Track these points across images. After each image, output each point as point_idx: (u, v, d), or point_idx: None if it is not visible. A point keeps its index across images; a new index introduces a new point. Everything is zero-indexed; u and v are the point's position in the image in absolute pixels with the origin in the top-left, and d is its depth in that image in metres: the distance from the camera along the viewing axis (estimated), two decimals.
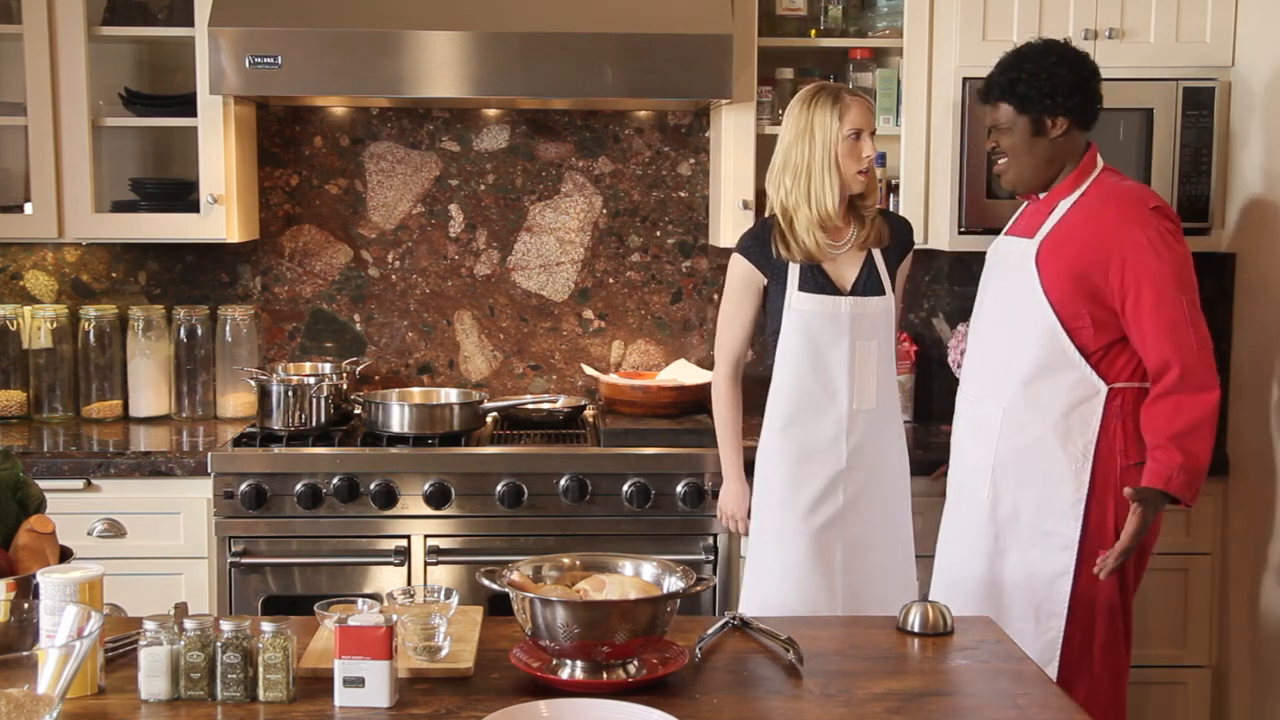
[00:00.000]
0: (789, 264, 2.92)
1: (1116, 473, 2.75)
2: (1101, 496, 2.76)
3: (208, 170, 3.44)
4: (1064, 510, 2.76)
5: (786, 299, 2.93)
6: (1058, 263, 2.74)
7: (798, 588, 2.92)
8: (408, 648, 1.93)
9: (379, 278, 3.82)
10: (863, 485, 2.95)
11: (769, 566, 2.97)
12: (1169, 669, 3.39)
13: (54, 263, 3.77)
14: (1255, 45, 3.32)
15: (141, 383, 3.66)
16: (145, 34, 3.55)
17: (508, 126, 3.80)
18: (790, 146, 2.92)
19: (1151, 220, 2.69)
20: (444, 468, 3.20)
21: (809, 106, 2.91)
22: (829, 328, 2.92)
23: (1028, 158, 2.82)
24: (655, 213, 3.83)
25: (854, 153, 2.89)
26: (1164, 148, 3.36)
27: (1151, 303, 2.67)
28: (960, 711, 1.84)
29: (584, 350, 3.86)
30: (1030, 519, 2.79)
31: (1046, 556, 2.77)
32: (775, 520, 2.96)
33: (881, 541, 2.98)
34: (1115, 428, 2.76)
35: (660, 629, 1.90)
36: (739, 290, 3.00)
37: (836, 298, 2.93)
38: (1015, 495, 2.81)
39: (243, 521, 3.17)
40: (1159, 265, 2.67)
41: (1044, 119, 2.78)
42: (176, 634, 1.82)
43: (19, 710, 1.49)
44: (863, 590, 2.95)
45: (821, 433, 2.94)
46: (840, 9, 3.61)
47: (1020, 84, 2.78)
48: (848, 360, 2.93)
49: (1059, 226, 2.78)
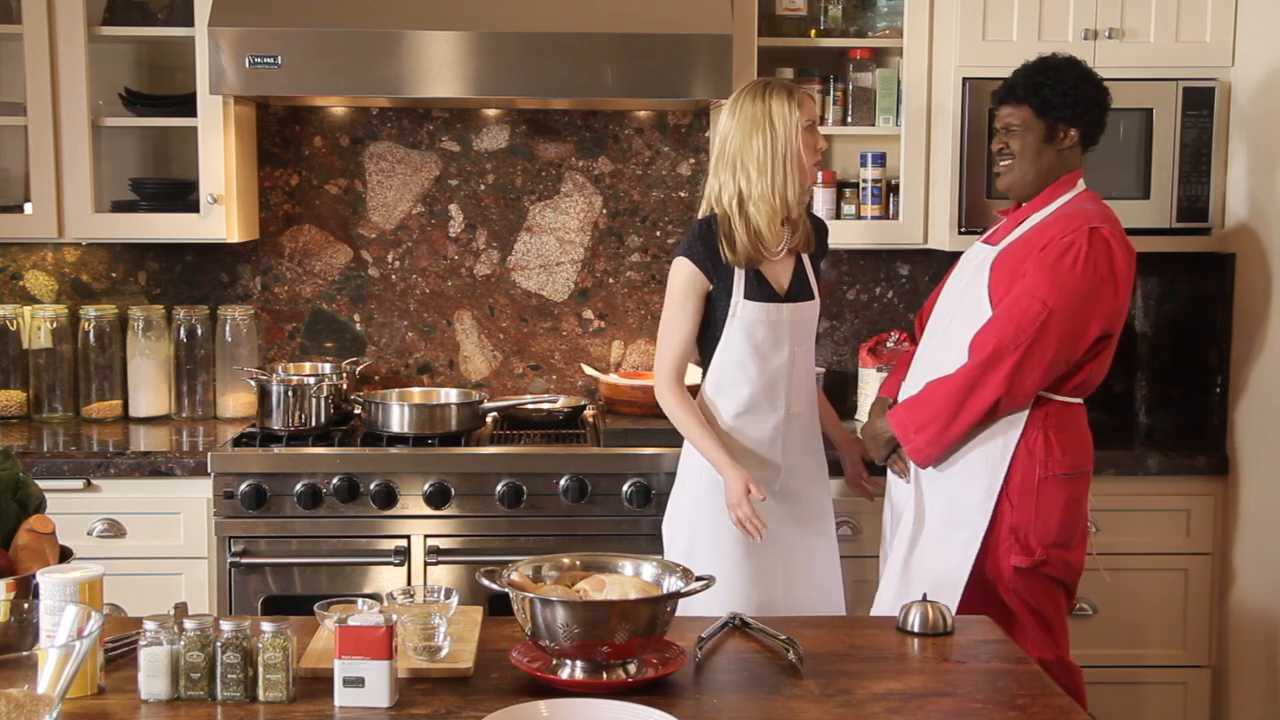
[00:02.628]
0: (734, 270, 2.85)
1: (1033, 482, 2.77)
2: (1014, 501, 2.77)
3: (208, 170, 3.44)
4: (973, 506, 2.77)
5: (732, 307, 2.87)
6: (1006, 270, 2.78)
7: (743, 592, 2.87)
8: (408, 648, 1.93)
9: (379, 278, 3.82)
10: (793, 487, 2.95)
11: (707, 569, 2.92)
12: (1169, 669, 3.39)
13: (54, 263, 3.77)
14: (1255, 45, 3.32)
15: (141, 383, 3.66)
16: (145, 34, 3.54)
17: (508, 126, 3.80)
18: (748, 136, 2.83)
19: (1079, 238, 2.71)
20: (444, 468, 3.20)
21: (762, 98, 2.83)
22: (771, 334, 2.89)
23: (1033, 163, 2.84)
24: (655, 213, 3.83)
25: (810, 145, 2.86)
26: (1164, 148, 3.36)
27: (1017, 289, 2.71)
28: (960, 711, 1.84)
29: (584, 350, 3.86)
30: (942, 512, 2.81)
31: (949, 550, 2.78)
32: (709, 527, 2.91)
33: (811, 542, 2.98)
34: (1037, 436, 2.77)
35: (660, 629, 1.90)
36: (684, 295, 2.88)
37: (779, 304, 2.89)
38: (934, 490, 2.83)
39: (243, 521, 3.17)
40: (1045, 274, 2.70)
41: (1059, 127, 2.82)
42: (176, 634, 1.82)
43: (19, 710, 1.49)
44: (799, 593, 2.93)
45: (761, 438, 2.91)
46: (840, 9, 3.61)
47: (1045, 88, 2.81)
48: (788, 366, 2.91)
49: (1020, 239, 2.82)
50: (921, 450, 2.79)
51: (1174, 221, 3.38)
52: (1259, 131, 3.29)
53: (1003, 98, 2.90)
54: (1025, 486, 2.76)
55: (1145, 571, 3.35)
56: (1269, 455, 3.25)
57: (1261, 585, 3.28)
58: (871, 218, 3.58)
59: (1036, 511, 2.77)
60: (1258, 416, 3.30)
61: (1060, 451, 2.78)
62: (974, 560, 2.75)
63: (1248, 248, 3.34)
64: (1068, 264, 2.71)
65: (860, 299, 3.87)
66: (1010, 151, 2.87)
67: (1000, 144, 2.90)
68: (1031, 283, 2.71)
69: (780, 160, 2.82)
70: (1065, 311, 2.69)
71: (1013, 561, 2.76)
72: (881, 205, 3.59)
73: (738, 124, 2.85)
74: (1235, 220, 3.38)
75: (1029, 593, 2.79)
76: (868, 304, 3.87)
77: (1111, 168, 3.33)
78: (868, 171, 3.59)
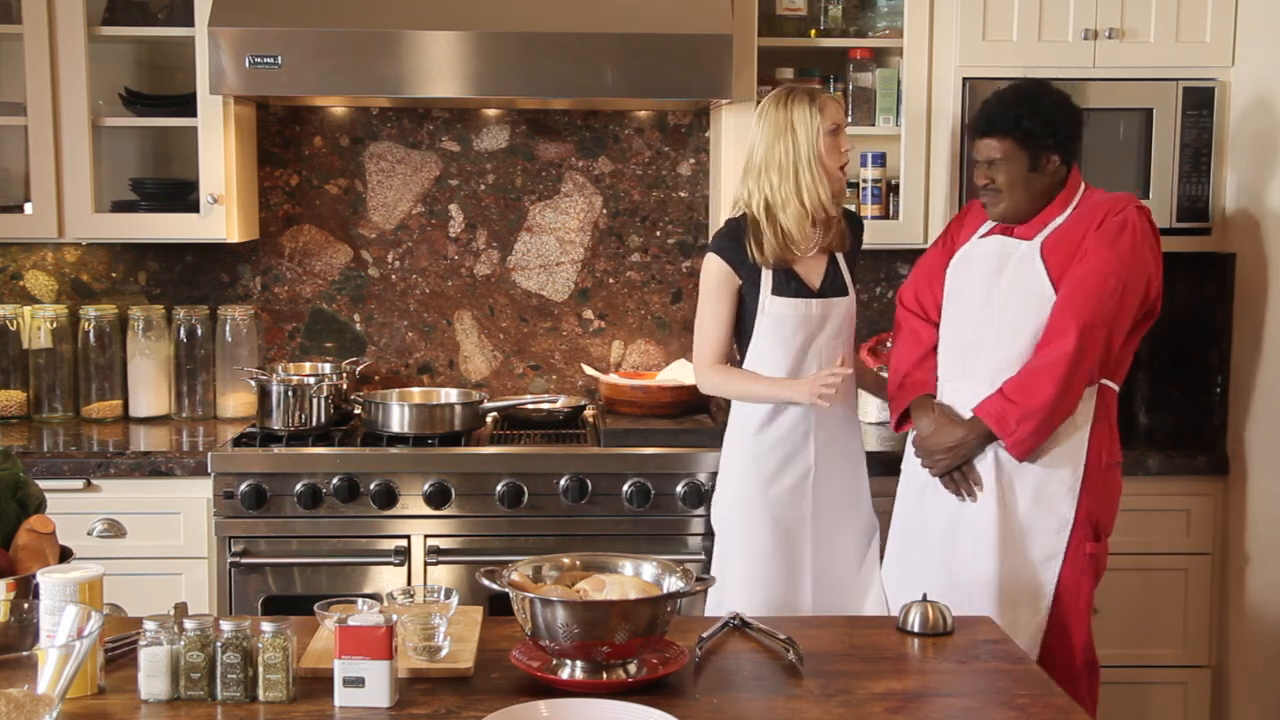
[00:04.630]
0: (761, 268, 2.91)
1: (1100, 468, 2.81)
2: (1089, 488, 2.80)
3: (208, 170, 3.44)
4: (1060, 494, 2.79)
5: (760, 303, 2.92)
6: (1060, 254, 2.79)
7: (765, 589, 2.90)
8: (408, 648, 1.93)
9: (379, 278, 3.82)
10: (829, 484, 2.96)
11: (734, 567, 2.94)
12: (1169, 669, 3.39)
13: (54, 263, 3.77)
14: (1255, 45, 3.32)
15: (141, 383, 3.66)
16: (145, 34, 3.54)
17: (508, 126, 3.80)
18: (772, 144, 2.90)
19: (1130, 214, 2.78)
20: (444, 468, 3.20)
21: (785, 105, 2.90)
22: (802, 330, 2.92)
23: (1024, 191, 2.85)
24: (655, 213, 3.83)
25: (833, 148, 2.91)
26: (1164, 148, 3.36)
27: (1082, 269, 2.75)
28: (960, 711, 1.84)
29: (584, 350, 3.86)
30: (1028, 504, 2.81)
31: (1041, 540, 2.79)
32: (740, 521, 2.95)
33: (847, 542, 2.99)
34: (1102, 423, 2.82)
35: (660, 629, 1.90)
36: (716, 289, 2.95)
37: (809, 300, 2.93)
38: (1017, 483, 2.82)
39: (243, 521, 3.17)
40: (1109, 250, 2.75)
41: (1041, 156, 2.83)
42: (176, 634, 1.82)
43: (19, 710, 1.49)
44: (830, 592, 2.95)
45: (793, 434, 2.93)
46: (840, 9, 3.61)
47: (1025, 120, 2.81)
48: (820, 362, 2.94)
49: (1065, 225, 2.83)
50: (1024, 442, 2.76)
51: (1174, 221, 3.38)
52: (1259, 131, 3.29)
53: (983, 131, 2.88)
54: (1095, 473, 2.81)
55: (1145, 571, 3.35)
56: (1269, 455, 3.25)
57: (1261, 585, 3.28)
58: (871, 218, 3.58)
59: (1103, 499, 2.82)
60: (1258, 416, 3.30)
61: (1114, 439, 2.86)
62: (1065, 547, 2.78)
63: (1248, 248, 3.34)
64: (1127, 239, 2.76)
65: (860, 299, 3.84)
66: (996, 186, 2.86)
67: (985, 179, 2.88)
68: (1099, 260, 2.75)
69: (804, 165, 2.88)
70: (1133, 283, 2.76)
71: (1087, 549, 2.80)
72: (881, 205, 3.59)
73: (763, 132, 2.92)
74: (1235, 220, 3.38)
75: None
76: (868, 304, 3.87)
77: (1111, 168, 3.33)
78: (868, 171, 3.59)
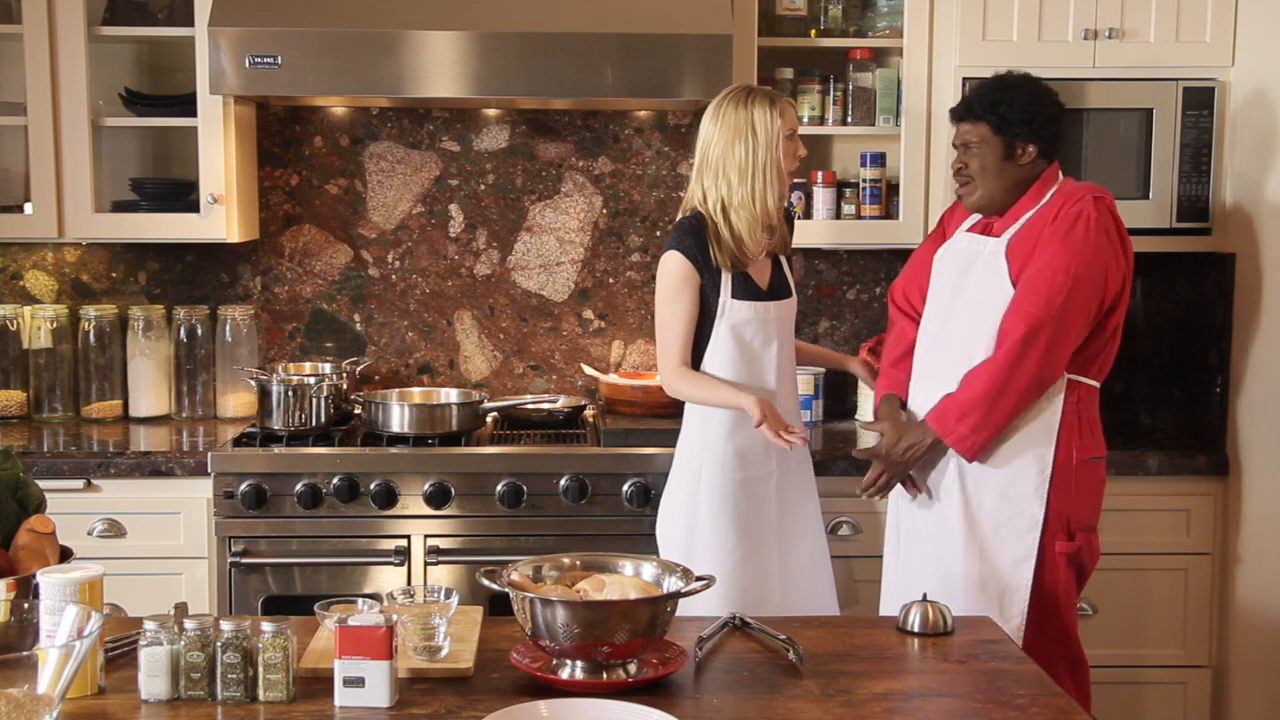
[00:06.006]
0: (721, 270, 2.86)
1: (1071, 466, 2.80)
2: (1058, 486, 2.78)
3: (208, 170, 3.44)
4: (1028, 494, 2.78)
5: (720, 305, 2.87)
6: (1021, 252, 2.79)
7: (740, 596, 2.85)
8: (408, 648, 1.93)
9: (379, 278, 3.82)
10: (789, 486, 2.95)
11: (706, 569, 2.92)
12: (1169, 669, 3.39)
13: (54, 263, 3.77)
14: (1255, 45, 3.32)
15: (141, 383, 3.66)
16: (145, 34, 3.55)
17: (508, 126, 3.80)
18: (730, 144, 2.83)
19: (1086, 206, 2.75)
20: (444, 468, 3.20)
21: (745, 105, 2.84)
22: (760, 333, 2.90)
23: (996, 180, 2.85)
24: (655, 213, 3.83)
25: (790, 153, 2.88)
26: (1164, 148, 3.36)
27: (1036, 265, 2.73)
28: (960, 711, 1.84)
29: (584, 350, 3.86)
30: (995, 505, 2.80)
31: (1011, 541, 2.78)
32: (709, 530, 2.90)
33: (807, 543, 2.98)
34: (1072, 420, 2.80)
35: (660, 629, 1.90)
36: (679, 289, 2.86)
37: (766, 302, 2.91)
38: (983, 485, 2.81)
39: (243, 521, 3.17)
40: (1060, 245, 2.73)
41: (1016, 144, 2.83)
42: (176, 634, 1.82)
43: (19, 710, 1.49)
44: (795, 589, 2.94)
45: (757, 438, 2.86)
46: (840, 9, 3.61)
47: (1002, 105, 2.82)
48: (776, 363, 2.92)
49: (1029, 223, 2.82)
50: (965, 440, 2.74)
51: (1174, 221, 3.39)
52: (1259, 131, 3.29)
53: (960, 115, 2.90)
54: (1065, 471, 2.79)
55: (1145, 571, 3.35)
56: (1269, 455, 3.25)
57: (1262, 585, 3.28)
58: (871, 218, 3.58)
59: (1076, 496, 2.80)
60: (1258, 416, 3.30)
61: (1090, 435, 2.83)
62: (1037, 547, 2.76)
63: (1247, 248, 3.34)
64: (1080, 232, 2.74)
65: (860, 299, 3.87)
66: (969, 173, 2.87)
67: (959, 164, 2.89)
68: (1050, 255, 2.73)
69: (761, 168, 2.83)
70: (1087, 278, 2.72)
71: (1058, 547, 2.78)
72: (881, 205, 3.59)
73: (720, 131, 2.86)
74: (1235, 220, 3.38)
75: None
76: (868, 304, 3.87)
77: (1111, 168, 3.33)
78: (867, 171, 3.59)
